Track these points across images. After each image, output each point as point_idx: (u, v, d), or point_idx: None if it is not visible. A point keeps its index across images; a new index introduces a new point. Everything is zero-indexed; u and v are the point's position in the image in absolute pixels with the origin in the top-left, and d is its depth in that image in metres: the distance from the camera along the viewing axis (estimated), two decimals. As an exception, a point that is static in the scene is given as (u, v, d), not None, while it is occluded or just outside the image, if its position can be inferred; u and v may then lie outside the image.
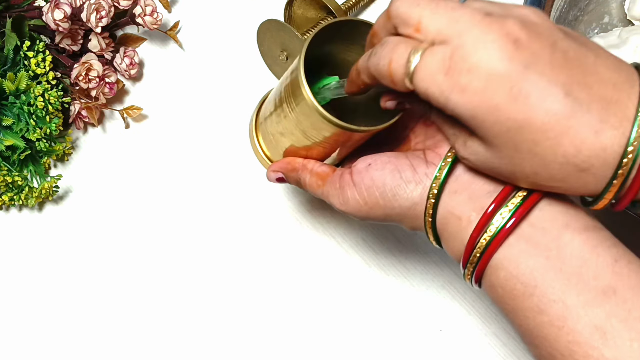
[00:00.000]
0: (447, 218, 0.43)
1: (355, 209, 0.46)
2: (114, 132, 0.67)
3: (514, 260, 0.40)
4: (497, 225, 0.40)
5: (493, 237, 0.40)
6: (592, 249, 0.40)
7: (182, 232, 0.63)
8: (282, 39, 0.64)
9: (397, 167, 0.44)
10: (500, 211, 0.41)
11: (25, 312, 0.61)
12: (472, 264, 0.42)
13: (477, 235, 0.41)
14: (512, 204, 0.40)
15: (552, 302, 0.39)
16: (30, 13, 0.63)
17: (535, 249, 0.40)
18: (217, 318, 0.61)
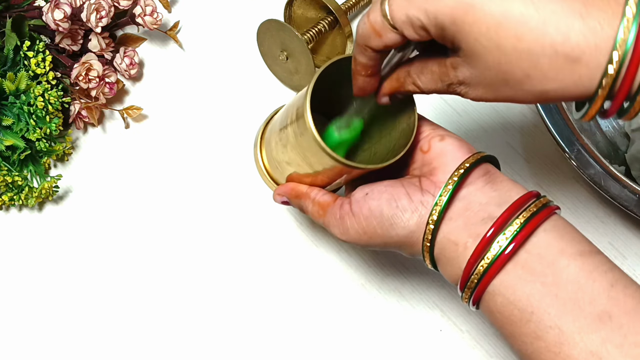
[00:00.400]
0: (444, 244, 0.43)
1: (355, 238, 0.46)
2: (114, 132, 0.67)
3: (511, 287, 0.41)
4: (495, 252, 0.41)
5: (491, 263, 0.41)
6: (588, 274, 0.40)
7: (182, 232, 0.63)
8: (282, 39, 0.64)
9: (394, 196, 0.45)
10: (498, 238, 0.41)
11: (25, 312, 0.61)
12: (469, 289, 0.42)
13: (474, 261, 0.42)
14: (510, 231, 0.41)
15: (549, 329, 0.39)
16: (30, 13, 0.63)
17: (532, 275, 0.40)
18: (216, 318, 0.61)
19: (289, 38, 0.63)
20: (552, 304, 0.40)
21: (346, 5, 0.68)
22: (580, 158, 0.58)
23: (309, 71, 0.64)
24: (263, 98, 0.68)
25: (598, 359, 0.38)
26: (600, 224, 0.63)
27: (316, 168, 0.48)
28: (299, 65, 0.65)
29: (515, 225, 0.41)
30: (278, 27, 0.63)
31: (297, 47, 0.63)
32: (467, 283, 0.42)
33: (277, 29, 0.64)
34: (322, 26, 0.65)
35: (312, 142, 0.45)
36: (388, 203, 0.45)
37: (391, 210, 0.44)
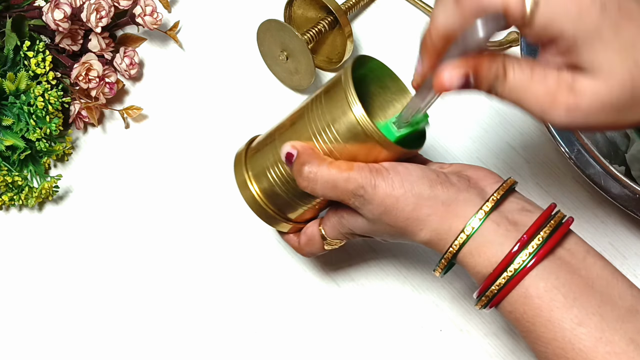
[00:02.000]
0: (483, 225, 0.45)
1: (387, 193, 0.45)
2: (114, 132, 0.67)
3: (554, 272, 0.43)
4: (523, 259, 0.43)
5: (514, 275, 0.43)
6: (611, 274, 0.43)
7: (181, 232, 0.63)
8: (282, 39, 0.64)
9: (430, 178, 0.46)
10: (520, 254, 0.43)
11: (25, 312, 0.61)
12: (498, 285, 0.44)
13: (499, 272, 0.44)
14: (532, 247, 0.43)
15: (592, 315, 0.41)
16: (30, 13, 0.63)
17: (569, 266, 0.43)
18: (214, 316, 0.61)
19: (289, 38, 0.63)
20: (591, 293, 0.42)
21: (346, 5, 0.68)
22: (580, 158, 0.58)
23: (309, 71, 0.64)
24: (263, 98, 0.68)
25: (637, 345, 0.41)
26: (600, 224, 0.63)
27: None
28: (299, 65, 0.65)
29: (539, 239, 0.43)
30: (278, 27, 0.63)
31: (297, 47, 0.63)
32: (495, 280, 0.44)
33: (277, 29, 0.64)
34: (322, 26, 0.65)
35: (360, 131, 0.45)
36: (426, 182, 0.46)
37: (432, 176, 0.46)
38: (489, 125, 0.68)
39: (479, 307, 0.46)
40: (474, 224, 0.44)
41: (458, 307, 0.61)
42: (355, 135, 0.45)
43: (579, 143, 0.59)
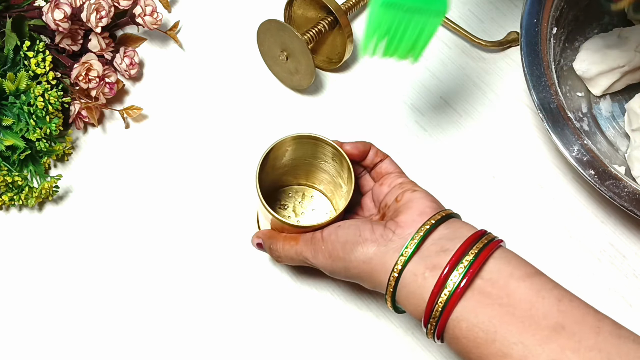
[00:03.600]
0: (404, 276, 0.48)
1: (322, 261, 0.52)
2: (114, 132, 0.67)
3: (473, 311, 0.45)
4: (452, 285, 0.45)
5: (451, 294, 0.45)
6: (536, 293, 0.44)
7: (181, 232, 0.63)
8: (282, 39, 0.64)
9: (359, 228, 0.51)
10: (453, 274, 0.46)
11: (25, 312, 0.61)
12: (434, 319, 0.46)
13: (436, 293, 0.46)
14: (463, 265, 0.46)
15: (513, 345, 0.43)
16: (30, 13, 0.63)
17: (489, 299, 0.45)
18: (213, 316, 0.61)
19: (289, 38, 0.63)
20: (512, 321, 0.44)
21: (346, 6, 0.68)
22: (580, 158, 0.58)
23: (309, 71, 0.64)
24: (263, 98, 0.68)
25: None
26: (600, 224, 0.63)
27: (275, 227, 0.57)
28: (299, 65, 0.65)
29: (467, 259, 0.46)
30: (278, 27, 0.63)
31: (297, 47, 0.63)
32: (432, 313, 0.46)
33: (277, 29, 0.64)
34: (322, 26, 0.65)
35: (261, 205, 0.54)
36: (353, 232, 0.51)
37: (354, 237, 0.50)
38: (490, 125, 0.68)
39: (430, 334, 0.48)
40: (392, 278, 0.48)
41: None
42: (276, 224, 0.56)
43: (579, 143, 0.59)
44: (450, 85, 0.69)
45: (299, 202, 0.62)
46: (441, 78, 0.69)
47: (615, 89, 0.67)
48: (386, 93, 0.68)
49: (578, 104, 0.67)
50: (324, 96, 0.68)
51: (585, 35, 0.68)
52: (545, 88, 0.61)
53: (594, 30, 0.69)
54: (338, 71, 0.69)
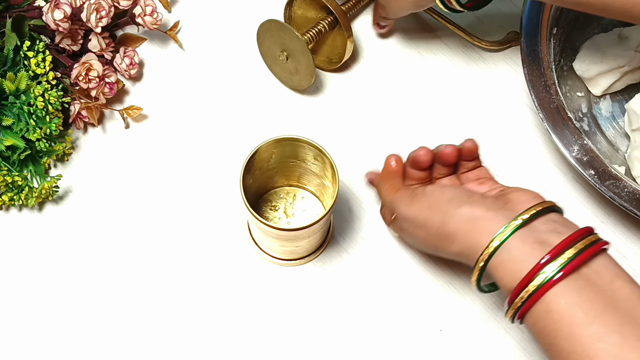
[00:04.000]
0: (509, 242, 0.47)
1: (415, 212, 0.53)
2: (114, 132, 0.67)
3: (577, 290, 0.44)
4: (567, 257, 0.45)
5: (561, 267, 0.45)
6: (639, 298, 0.44)
7: (181, 232, 0.63)
8: (282, 39, 0.64)
9: (469, 192, 0.52)
10: (566, 251, 0.45)
11: (25, 312, 0.61)
12: (533, 288, 0.45)
13: (542, 265, 0.45)
14: (577, 247, 0.45)
15: (611, 333, 0.43)
16: (30, 13, 0.63)
17: (595, 286, 0.44)
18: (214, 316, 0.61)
19: (289, 38, 0.63)
20: (614, 314, 0.43)
21: (346, 6, 0.68)
22: (580, 158, 0.58)
23: (309, 71, 0.64)
24: (263, 98, 0.68)
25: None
26: (600, 224, 0.63)
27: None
28: (299, 66, 0.65)
29: (583, 243, 0.46)
30: (278, 27, 0.63)
31: (297, 48, 0.63)
32: (530, 283, 0.45)
33: (277, 29, 0.64)
34: (322, 26, 0.65)
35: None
36: (462, 193, 0.51)
37: (464, 197, 0.51)
38: (490, 125, 0.68)
39: (508, 318, 0.48)
40: (497, 241, 0.47)
41: (458, 306, 0.61)
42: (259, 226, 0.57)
43: (579, 143, 0.59)
44: (451, 86, 0.69)
45: (290, 203, 0.62)
46: (441, 78, 0.69)
47: (615, 89, 0.67)
48: (386, 93, 0.68)
49: (578, 104, 0.67)
50: (324, 96, 0.68)
51: (585, 35, 0.68)
52: (545, 88, 0.61)
53: (594, 30, 0.69)
54: (338, 71, 0.69)
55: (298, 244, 0.58)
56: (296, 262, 0.62)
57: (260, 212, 0.63)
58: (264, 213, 0.63)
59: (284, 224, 0.62)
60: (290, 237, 0.56)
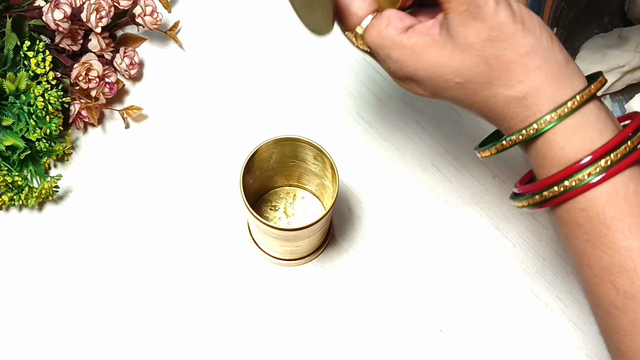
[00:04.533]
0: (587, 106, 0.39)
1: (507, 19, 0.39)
2: (114, 132, 0.67)
3: (624, 183, 0.38)
4: (588, 173, 0.38)
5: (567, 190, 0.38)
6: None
7: (181, 232, 0.63)
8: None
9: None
10: (592, 165, 0.38)
11: (25, 312, 0.61)
12: (614, 157, 0.38)
13: (623, 137, 0.38)
14: (598, 166, 0.38)
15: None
16: (30, 13, 0.63)
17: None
18: (214, 316, 0.61)
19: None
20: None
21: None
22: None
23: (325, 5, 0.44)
24: (263, 98, 0.68)
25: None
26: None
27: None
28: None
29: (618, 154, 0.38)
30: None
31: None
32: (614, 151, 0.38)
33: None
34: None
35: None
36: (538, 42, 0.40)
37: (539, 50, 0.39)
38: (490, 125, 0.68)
39: (526, 204, 0.41)
40: (554, 116, 0.38)
41: (458, 307, 0.61)
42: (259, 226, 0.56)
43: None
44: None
45: (290, 203, 0.62)
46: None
47: (615, 89, 0.67)
48: (386, 93, 0.68)
49: (578, 104, 0.67)
50: (325, 96, 0.68)
51: (585, 35, 0.68)
52: (545, 88, 0.61)
53: (594, 30, 0.69)
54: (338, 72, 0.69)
55: (298, 244, 0.58)
56: (296, 262, 0.62)
57: (260, 212, 0.63)
58: (264, 213, 0.63)
59: (284, 224, 0.62)
60: (290, 237, 0.56)
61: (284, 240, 0.57)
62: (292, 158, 0.59)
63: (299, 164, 0.59)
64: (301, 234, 0.55)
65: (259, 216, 0.54)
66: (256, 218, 0.53)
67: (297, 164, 0.59)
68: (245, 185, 0.55)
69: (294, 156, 0.58)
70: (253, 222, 0.57)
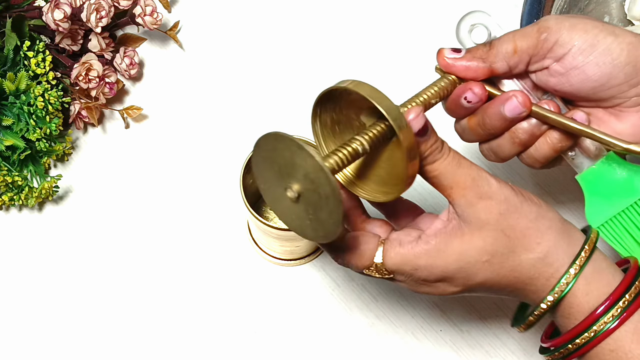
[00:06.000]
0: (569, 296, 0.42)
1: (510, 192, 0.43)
2: (114, 132, 0.67)
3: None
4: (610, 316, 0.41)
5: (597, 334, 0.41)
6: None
7: (181, 232, 0.63)
8: (289, 163, 0.40)
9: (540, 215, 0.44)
10: (607, 314, 0.41)
11: (25, 312, 0.61)
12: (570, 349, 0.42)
13: (582, 328, 0.42)
14: (619, 307, 0.41)
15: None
16: (30, 13, 0.63)
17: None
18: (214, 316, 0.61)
19: (301, 161, 0.39)
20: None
21: (414, 103, 0.46)
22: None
23: (332, 220, 0.39)
24: (263, 98, 0.68)
25: None
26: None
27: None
28: (318, 209, 0.40)
29: (626, 301, 0.42)
30: (285, 145, 0.40)
31: (316, 178, 0.38)
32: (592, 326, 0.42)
33: (284, 148, 0.40)
34: (363, 140, 0.41)
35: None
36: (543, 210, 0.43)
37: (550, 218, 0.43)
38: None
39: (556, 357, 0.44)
40: (563, 285, 0.42)
41: (458, 307, 0.61)
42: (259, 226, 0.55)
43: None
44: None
45: None
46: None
47: (615, 89, 0.67)
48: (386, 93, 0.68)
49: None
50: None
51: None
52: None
53: (594, 30, 0.69)
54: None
55: (298, 244, 0.58)
56: (296, 262, 0.62)
57: (260, 212, 0.63)
58: (264, 213, 0.63)
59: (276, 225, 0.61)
60: (290, 237, 0.56)
61: (284, 240, 0.57)
62: None
63: None
64: None
65: (259, 216, 0.54)
66: (256, 218, 0.53)
67: None
68: (245, 185, 0.55)
69: None
70: (253, 222, 0.56)
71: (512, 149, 0.47)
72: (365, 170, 0.44)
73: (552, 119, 0.45)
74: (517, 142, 0.46)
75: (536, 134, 0.46)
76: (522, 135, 0.46)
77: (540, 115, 0.45)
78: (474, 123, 0.47)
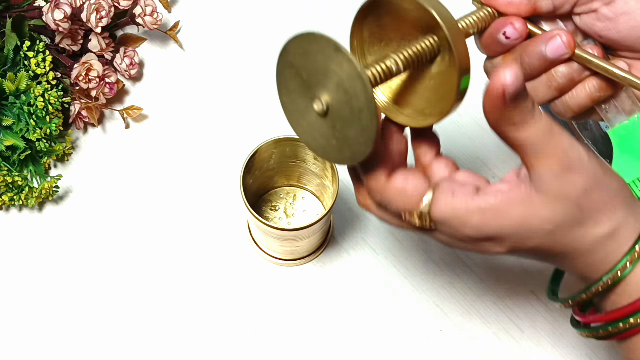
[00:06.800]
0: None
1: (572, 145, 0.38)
2: (114, 132, 0.67)
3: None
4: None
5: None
6: None
7: (181, 232, 0.63)
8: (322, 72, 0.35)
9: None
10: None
11: (25, 312, 0.61)
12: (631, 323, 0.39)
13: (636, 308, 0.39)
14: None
15: None
16: (30, 13, 0.63)
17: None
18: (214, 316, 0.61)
19: (336, 69, 0.34)
20: None
21: (469, 21, 0.43)
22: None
23: (364, 137, 0.36)
24: (263, 98, 0.68)
25: None
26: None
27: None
28: (347, 124, 0.36)
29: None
30: (318, 48, 0.35)
31: (353, 89, 0.34)
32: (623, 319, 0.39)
33: (317, 52, 0.35)
34: (412, 53, 0.38)
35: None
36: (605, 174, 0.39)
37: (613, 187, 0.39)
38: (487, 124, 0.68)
39: (591, 335, 0.41)
40: (627, 263, 0.38)
41: (458, 307, 0.61)
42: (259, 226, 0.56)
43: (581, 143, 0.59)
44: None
45: (290, 203, 0.62)
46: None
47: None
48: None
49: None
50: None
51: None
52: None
53: (594, 30, 0.69)
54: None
55: (298, 244, 0.58)
56: (296, 262, 0.62)
57: (260, 212, 0.63)
58: (264, 213, 0.63)
59: (284, 224, 0.62)
60: (290, 237, 0.56)
61: (284, 240, 0.57)
62: (292, 158, 0.59)
63: (298, 164, 0.59)
64: (301, 234, 0.55)
65: (259, 216, 0.54)
66: (256, 218, 0.53)
67: (297, 164, 0.59)
68: (245, 185, 0.55)
69: (293, 156, 0.58)
70: (253, 222, 0.57)
71: (547, 93, 0.43)
72: (404, 92, 0.40)
73: (596, 63, 0.41)
74: (554, 85, 0.43)
75: (575, 80, 0.42)
76: (561, 79, 0.42)
77: (582, 59, 0.42)
78: (509, 61, 0.43)
